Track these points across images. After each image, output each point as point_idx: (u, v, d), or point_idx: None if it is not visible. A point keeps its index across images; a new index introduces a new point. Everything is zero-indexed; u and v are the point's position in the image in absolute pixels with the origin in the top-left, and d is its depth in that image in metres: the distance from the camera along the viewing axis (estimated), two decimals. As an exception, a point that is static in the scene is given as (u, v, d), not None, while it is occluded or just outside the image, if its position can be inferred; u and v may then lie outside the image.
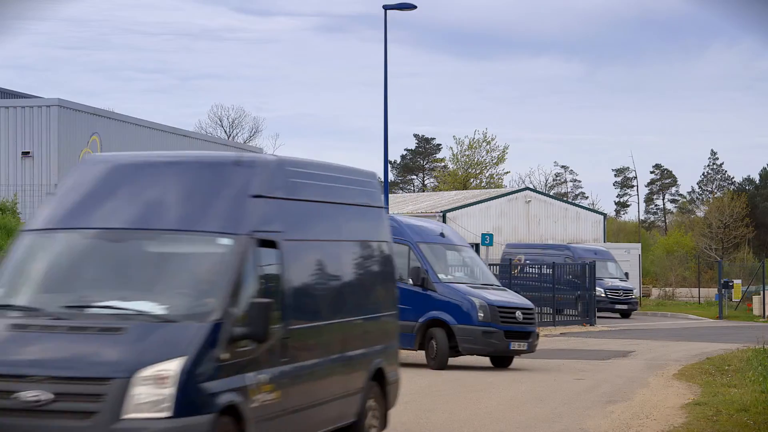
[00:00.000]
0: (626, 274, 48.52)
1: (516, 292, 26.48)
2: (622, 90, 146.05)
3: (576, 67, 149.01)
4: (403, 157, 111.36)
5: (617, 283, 46.80)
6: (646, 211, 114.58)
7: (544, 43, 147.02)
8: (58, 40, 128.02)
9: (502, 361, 23.25)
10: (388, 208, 34.32)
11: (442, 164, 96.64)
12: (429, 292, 22.52)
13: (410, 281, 22.31)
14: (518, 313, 22.75)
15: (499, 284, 24.69)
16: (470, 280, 23.53)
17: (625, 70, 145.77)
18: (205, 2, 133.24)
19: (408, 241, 22.79)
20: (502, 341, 22.44)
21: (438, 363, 22.33)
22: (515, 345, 22.58)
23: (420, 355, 23.05)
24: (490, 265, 38.93)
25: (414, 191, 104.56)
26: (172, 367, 9.18)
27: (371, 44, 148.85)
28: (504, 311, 22.62)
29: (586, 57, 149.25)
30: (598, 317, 41.92)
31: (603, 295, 45.20)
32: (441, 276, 22.82)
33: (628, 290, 47.38)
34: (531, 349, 23.11)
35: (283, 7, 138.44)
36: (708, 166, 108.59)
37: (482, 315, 22.29)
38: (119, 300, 9.88)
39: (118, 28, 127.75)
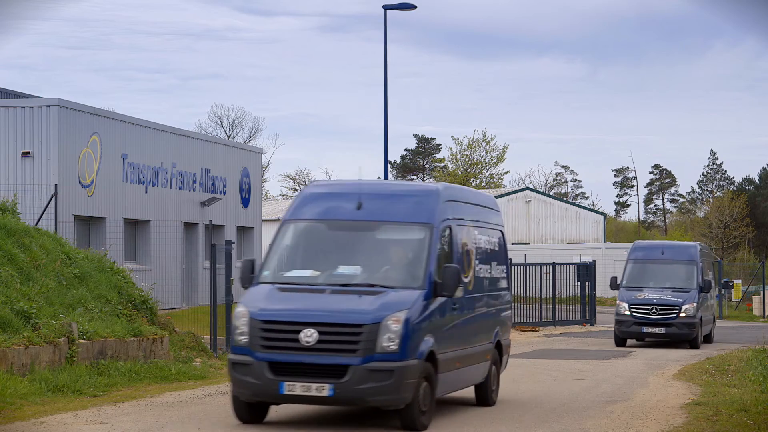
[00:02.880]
0: (704, 283, 31.16)
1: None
2: (623, 90, 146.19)
3: (578, 67, 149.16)
4: (403, 157, 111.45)
5: (653, 296, 30.59)
6: (646, 211, 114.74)
7: (546, 43, 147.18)
8: (60, 40, 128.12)
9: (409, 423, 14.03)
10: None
11: (442, 164, 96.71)
12: None
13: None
14: (306, 333, 13.53)
15: (413, 285, 14.27)
16: (337, 278, 14.48)
17: (627, 70, 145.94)
18: (207, 2, 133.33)
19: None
20: (265, 380, 13.68)
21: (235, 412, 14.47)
22: (294, 387, 13.57)
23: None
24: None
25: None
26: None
27: (372, 44, 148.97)
28: (275, 329, 13.77)
29: (588, 57, 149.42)
30: (629, 345, 30.85)
31: (626, 312, 30.60)
32: (266, 273, 14.69)
33: (669, 306, 30.24)
34: (344, 397, 13.58)
35: (285, 7, 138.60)
36: (708, 166, 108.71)
37: (241, 337, 13.93)
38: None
39: (119, 28, 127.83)
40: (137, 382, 18.52)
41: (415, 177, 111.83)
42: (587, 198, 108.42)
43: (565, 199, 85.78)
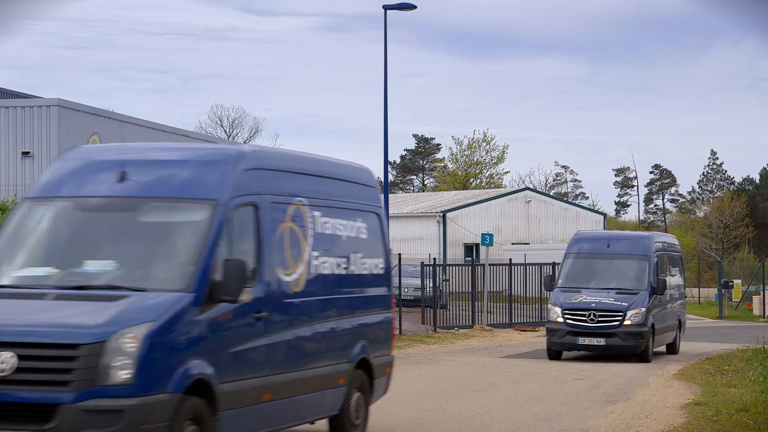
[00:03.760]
0: (657, 283, 25.14)
1: None
2: (624, 90, 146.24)
3: (580, 67, 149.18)
4: (402, 157, 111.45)
5: (591, 299, 24.76)
6: (646, 211, 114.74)
7: (549, 44, 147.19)
8: (61, 40, 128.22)
9: None
10: (388, 209, 34.38)
11: (442, 164, 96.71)
12: None
13: None
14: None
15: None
16: (75, 279, 10.35)
17: (629, 70, 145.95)
18: (208, 2, 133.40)
19: None
20: None
21: None
22: None
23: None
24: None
25: (414, 191, 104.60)
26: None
27: (373, 44, 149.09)
28: None
29: (591, 57, 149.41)
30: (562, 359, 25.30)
31: (559, 319, 24.87)
32: (3, 275, 10.62)
33: (611, 312, 24.52)
34: None
35: (286, 8, 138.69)
36: (708, 166, 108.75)
37: None
38: None
39: (121, 28, 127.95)
40: (137, 382, 18.49)
41: (414, 177, 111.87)
42: (587, 198, 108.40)
43: (565, 199, 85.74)
